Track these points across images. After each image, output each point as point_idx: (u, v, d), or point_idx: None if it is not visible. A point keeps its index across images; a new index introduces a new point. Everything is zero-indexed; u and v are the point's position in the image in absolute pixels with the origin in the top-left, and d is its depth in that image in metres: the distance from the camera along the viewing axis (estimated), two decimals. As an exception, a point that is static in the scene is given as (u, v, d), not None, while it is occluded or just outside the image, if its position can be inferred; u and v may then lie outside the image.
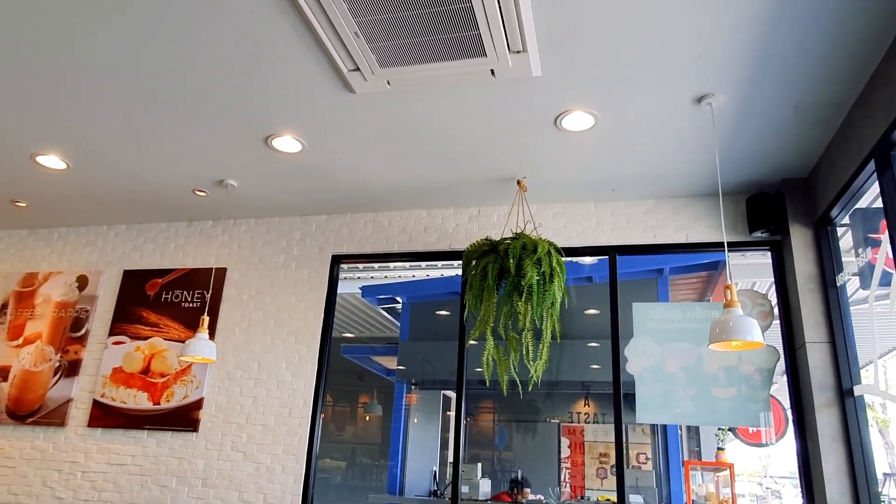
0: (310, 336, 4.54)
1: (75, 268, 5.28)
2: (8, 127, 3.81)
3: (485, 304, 3.68)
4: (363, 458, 9.36)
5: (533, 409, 7.44)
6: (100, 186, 4.59)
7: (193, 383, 4.60)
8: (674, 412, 3.88)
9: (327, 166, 4.07)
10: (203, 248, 5.04)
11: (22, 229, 5.57)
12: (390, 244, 4.66)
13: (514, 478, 6.33)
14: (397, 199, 4.53)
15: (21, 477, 4.72)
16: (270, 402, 4.44)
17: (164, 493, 4.40)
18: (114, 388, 4.74)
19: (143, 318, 4.90)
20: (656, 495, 5.22)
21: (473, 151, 3.78)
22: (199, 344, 3.97)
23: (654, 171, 3.90)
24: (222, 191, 4.53)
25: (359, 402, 9.78)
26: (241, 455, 4.37)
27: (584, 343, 6.09)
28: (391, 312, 7.47)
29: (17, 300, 5.27)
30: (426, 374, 6.54)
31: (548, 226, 4.38)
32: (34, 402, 4.88)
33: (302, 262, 4.78)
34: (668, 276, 5.21)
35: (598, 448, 7.65)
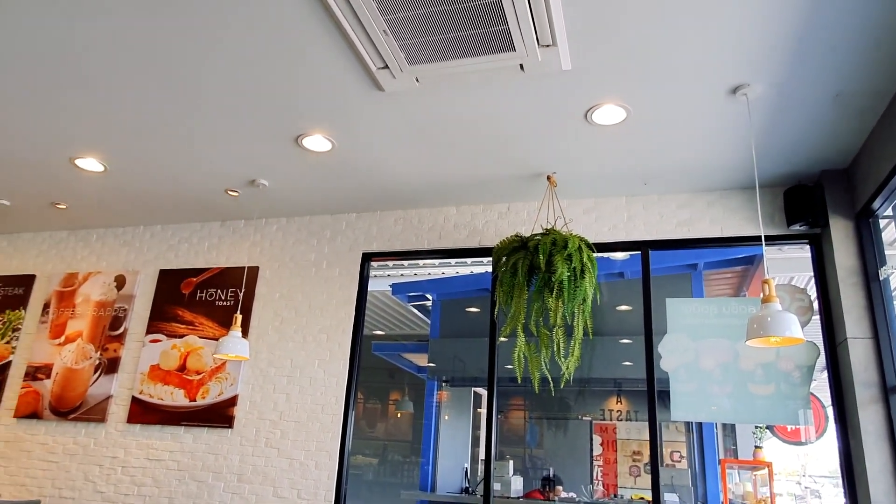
0: (341, 333, 4.57)
1: (113, 268, 5.40)
2: (48, 131, 3.91)
3: (515, 300, 3.65)
4: (395, 455, 9.41)
5: (564, 407, 7.38)
6: (136, 188, 4.69)
7: (228, 380, 4.67)
8: (709, 410, 3.81)
9: (357, 164, 4.09)
10: (236, 248, 5.12)
11: (62, 231, 5.72)
12: (420, 241, 4.67)
13: (546, 475, 6.30)
14: (427, 197, 4.54)
15: (64, 471, 4.86)
16: (303, 399, 4.49)
17: (200, 489, 4.48)
18: (151, 385, 4.85)
19: (179, 317, 4.99)
20: (692, 494, 5.14)
21: (503, 147, 3.76)
22: (233, 342, 4.02)
23: (688, 164, 3.83)
24: (254, 190, 4.58)
25: (390, 400, 9.83)
26: (275, 451, 4.42)
27: (617, 340, 6.01)
28: (421, 310, 7.48)
29: (59, 300, 5.42)
30: (457, 371, 6.54)
31: (578, 221, 4.33)
32: (76, 399, 5.02)
33: (333, 260, 4.81)
34: (703, 271, 5.11)
35: (631, 446, 7.56)
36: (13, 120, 3.80)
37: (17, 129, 3.91)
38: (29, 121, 3.80)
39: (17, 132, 3.95)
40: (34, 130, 3.91)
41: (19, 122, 3.82)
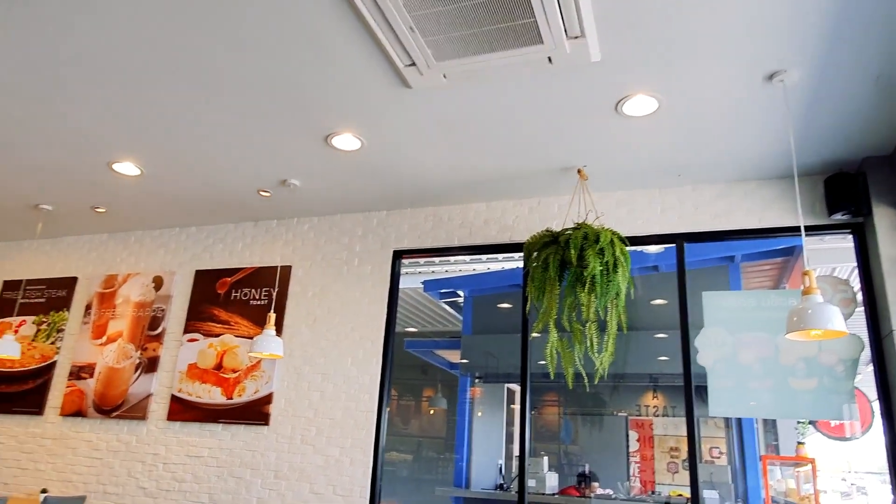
0: (374, 331, 4.60)
1: (151, 269, 5.53)
2: (87, 137, 4.01)
3: (547, 295, 3.62)
4: (429, 452, 9.44)
5: (599, 402, 7.30)
6: (171, 190, 4.79)
7: (263, 378, 4.74)
8: (748, 405, 3.73)
9: (386, 163, 4.10)
10: (269, 247, 5.18)
11: (102, 234, 5.87)
12: (450, 238, 4.66)
13: (581, 472, 6.24)
14: (457, 193, 4.53)
15: (108, 468, 4.99)
16: (337, 396, 4.53)
17: (239, 485, 4.56)
18: (189, 383, 4.95)
19: (215, 316, 5.08)
20: (732, 491, 5.04)
21: (532, 141, 3.73)
22: (267, 340, 4.08)
23: (723, 153, 3.74)
24: (285, 190, 4.63)
25: (423, 396, 9.86)
26: (310, 448, 4.47)
27: (652, 334, 5.92)
28: (453, 306, 7.48)
29: (100, 301, 5.56)
30: (489, 367, 6.52)
31: (610, 215, 4.27)
32: (118, 398, 5.15)
33: (364, 257, 4.84)
34: (740, 263, 5.00)
35: (669, 442, 7.44)
36: (53, 127, 3.91)
37: (57, 135, 4.02)
38: (68, 127, 3.90)
39: (57, 139, 4.06)
40: (73, 137, 4.02)
41: (59, 128, 3.92)
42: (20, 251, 6.17)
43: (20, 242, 6.21)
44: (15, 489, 5.24)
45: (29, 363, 5.59)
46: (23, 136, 4.06)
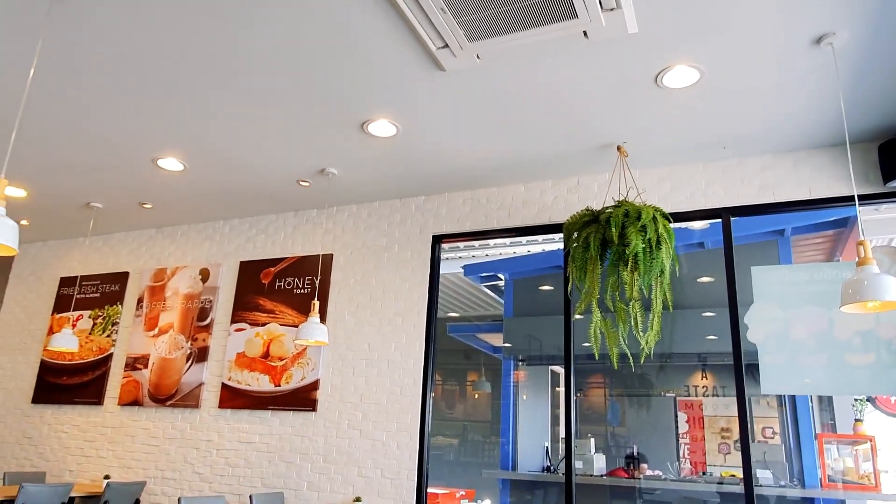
0: (416, 316, 4.62)
1: (198, 262, 5.67)
2: (132, 135, 4.12)
3: (589, 275, 3.57)
4: (474, 435, 9.48)
5: (646, 383, 7.19)
6: (213, 184, 4.88)
7: (309, 365, 4.82)
8: (802, 382, 3.61)
9: (423, 147, 4.10)
10: (310, 236, 5.25)
11: (150, 228, 6.04)
12: (489, 221, 4.64)
13: (629, 453, 6.17)
14: (494, 175, 4.49)
15: (165, 454, 5.17)
16: (382, 381, 4.57)
17: (289, 469, 4.66)
18: (238, 371, 5.07)
19: (260, 306, 5.19)
20: (786, 470, 4.91)
21: (569, 119, 3.66)
22: (312, 328, 4.14)
23: (769, 123, 3.61)
24: (324, 179, 4.68)
25: (467, 380, 9.90)
26: (357, 432, 4.54)
27: (699, 312, 5.79)
28: (494, 290, 7.46)
29: (151, 294, 5.74)
30: (533, 349, 6.49)
31: (652, 191, 4.18)
32: (171, 387, 5.32)
33: (404, 243, 4.86)
34: (790, 237, 4.83)
35: (719, 423, 7.29)
36: (100, 126, 4.02)
37: (103, 135, 4.13)
38: (114, 126, 4.01)
39: (104, 138, 4.18)
40: (119, 135, 4.13)
41: (105, 128, 4.04)
42: (74, 248, 6.40)
43: (74, 240, 6.44)
44: (80, 475, 5.48)
45: (87, 356, 5.81)
46: (71, 138, 4.20)
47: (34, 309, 6.36)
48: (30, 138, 4.25)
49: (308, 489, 4.56)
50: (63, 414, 5.76)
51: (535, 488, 5.64)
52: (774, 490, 4.65)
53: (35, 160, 4.61)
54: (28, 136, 4.21)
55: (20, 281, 6.59)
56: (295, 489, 4.59)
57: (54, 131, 4.14)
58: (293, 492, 4.58)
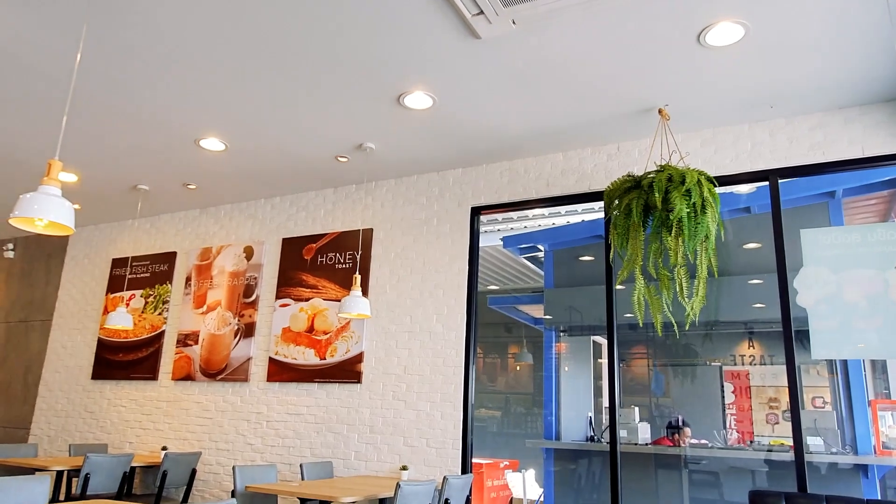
0: (456, 288, 4.64)
1: (241, 240, 5.79)
2: (175, 117, 4.21)
3: (631, 242, 3.52)
4: (517, 407, 9.54)
5: (690, 353, 7.10)
6: (254, 163, 4.96)
7: (353, 339, 4.91)
8: (855, 346, 3.51)
9: (459, 118, 4.07)
10: (349, 212, 5.30)
11: (194, 209, 6.19)
12: (528, 191, 4.60)
13: (674, 423, 6.13)
14: (532, 145, 4.44)
15: (218, 426, 5.35)
16: (424, 352, 4.63)
17: (337, 439, 4.78)
18: (285, 346, 5.19)
19: (303, 281, 5.28)
20: (838, 437, 4.80)
21: (609, 84, 3.59)
22: (355, 301, 4.20)
23: (819, 79, 3.47)
24: (362, 154, 4.70)
25: (508, 353, 9.94)
26: (401, 403, 4.61)
27: (745, 280, 5.66)
28: (534, 262, 7.43)
29: (198, 273, 5.90)
30: (574, 320, 6.47)
31: (696, 155, 4.08)
32: (221, 362, 5.48)
33: (442, 216, 4.87)
34: (842, 198, 4.65)
35: (767, 392, 7.15)
36: (144, 109, 4.12)
37: (148, 117, 4.23)
38: (158, 108, 4.10)
39: (148, 120, 4.28)
40: (163, 117, 4.22)
41: (149, 110, 4.13)
42: (124, 230, 6.61)
43: (123, 222, 6.65)
44: (139, 447, 5.73)
45: (141, 333, 6.03)
46: (116, 122, 4.31)
47: (89, 290, 6.61)
48: (78, 124, 4.38)
49: (356, 458, 4.67)
50: (121, 389, 6.01)
51: (579, 457, 5.66)
52: (826, 457, 4.56)
53: (84, 145, 4.75)
54: (77, 121, 4.34)
55: (75, 263, 6.85)
56: (343, 458, 4.71)
57: (101, 116, 4.25)
58: (341, 461, 4.71)
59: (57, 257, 7.03)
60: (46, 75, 3.75)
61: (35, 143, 4.74)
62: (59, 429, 6.28)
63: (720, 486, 5.29)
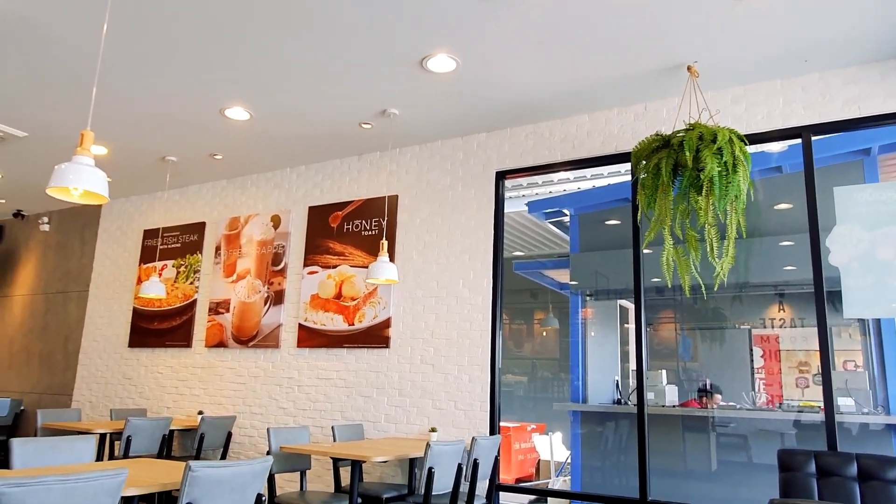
0: (482, 252, 4.65)
1: (269, 209, 5.85)
2: (200, 87, 4.23)
3: (659, 203, 3.49)
4: (543, 372, 9.60)
5: (719, 316, 7.04)
6: (279, 132, 4.98)
7: (381, 304, 4.96)
8: (889, 305, 3.45)
9: (483, 81, 4.03)
10: (374, 179, 5.32)
11: (222, 180, 6.26)
12: (553, 154, 4.56)
13: (702, 386, 6.12)
14: (557, 107, 4.39)
15: (251, 391, 5.49)
16: (451, 317, 4.67)
17: (367, 402, 4.88)
18: (313, 312, 5.28)
19: (330, 249, 5.34)
20: (870, 398, 4.76)
21: (635, 41, 3.51)
22: (382, 267, 4.25)
23: (855, 30, 3.35)
24: (386, 120, 4.69)
25: (534, 319, 9.97)
26: (430, 367, 4.68)
27: (776, 241, 5.57)
28: (559, 226, 7.39)
29: (227, 242, 6.00)
30: (600, 285, 6.45)
31: (726, 113, 3.99)
32: (252, 329, 5.60)
33: (467, 181, 4.86)
34: (877, 155, 4.53)
35: (797, 356, 7.08)
36: (170, 80, 4.15)
37: (172, 88, 4.27)
38: (183, 79, 4.13)
39: (173, 92, 4.32)
40: (188, 87, 4.25)
41: (175, 81, 4.16)
42: (154, 202, 6.72)
43: (153, 194, 6.76)
44: (177, 411, 5.91)
45: (174, 302, 6.18)
46: (144, 93, 4.36)
47: (123, 261, 6.77)
48: (107, 96, 4.44)
49: (385, 421, 4.77)
50: (157, 356, 6.19)
51: (607, 420, 5.69)
52: (857, 418, 4.53)
53: (113, 118, 4.82)
54: (105, 94, 4.40)
55: (108, 235, 7.00)
56: (373, 421, 4.81)
57: (129, 88, 4.30)
58: (371, 423, 4.81)
59: (91, 229, 7.20)
60: (75, 48, 3.79)
61: (66, 117, 4.82)
62: (100, 395, 6.51)
63: (748, 449, 5.29)
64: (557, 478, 6.46)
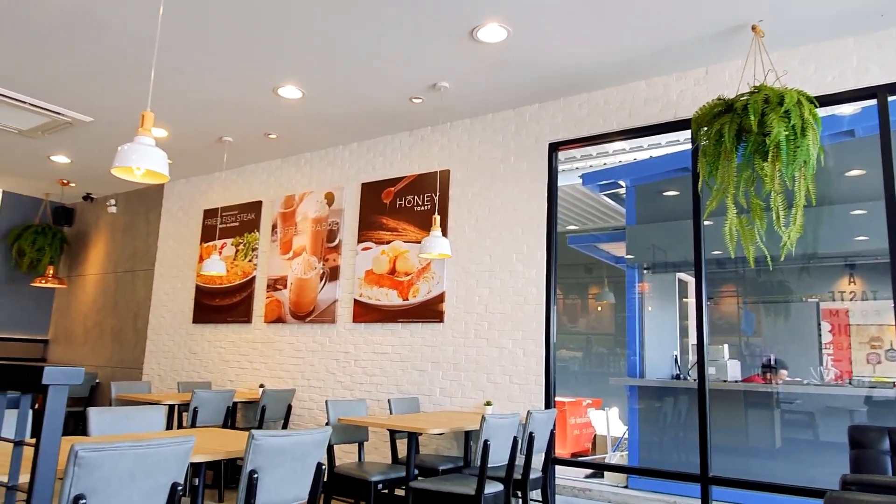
0: (535, 226, 4.59)
1: (322, 187, 5.93)
2: (253, 67, 4.29)
3: (721, 170, 3.35)
4: (599, 348, 9.49)
5: (784, 290, 6.76)
6: (331, 109, 5.01)
7: (434, 279, 4.98)
8: (976, 275, 3.23)
9: (534, 49, 3.93)
10: (426, 154, 5.30)
11: (276, 159, 6.37)
12: (608, 123, 4.43)
13: (766, 361, 5.92)
14: (612, 74, 4.25)
15: (309, 365, 5.63)
16: (505, 291, 4.64)
17: (422, 376, 4.92)
18: (368, 287, 5.34)
19: (383, 225, 5.37)
20: (951, 374, 4.49)
21: (695, 1, 3.35)
22: (435, 241, 4.25)
23: (941, -21, 3.10)
24: (436, 94, 4.65)
25: (589, 294, 9.83)
26: (484, 341, 4.67)
27: (847, 209, 5.29)
28: (615, 199, 7.22)
29: (283, 220, 6.11)
30: (658, 258, 6.29)
31: (794, 74, 3.78)
32: (309, 305, 5.72)
33: (520, 154, 4.78)
34: (962, 115, 4.20)
35: (868, 331, 6.76)
36: (223, 62, 4.22)
37: (226, 69, 4.34)
38: (237, 59, 4.19)
39: (227, 73, 4.39)
40: (242, 67, 4.31)
41: (229, 61, 4.23)
42: (213, 182, 6.91)
43: (211, 174, 6.94)
44: (239, 384, 6.12)
45: (234, 279, 6.36)
46: (199, 75, 4.44)
47: (185, 240, 7.00)
48: (165, 80, 4.55)
49: (441, 394, 4.80)
50: (219, 332, 6.40)
51: (665, 395, 5.58)
52: (936, 394, 4.29)
53: (171, 100, 4.95)
54: (163, 77, 4.51)
55: (170, 216, 7.25)
56: (428, 395, 4.86)
57: (185, 70, 4.39)
58: (427, 397, 4.86)
59: (154, 210, 7.46)
60: (132, 34, 3.89)
61: (128, 101, 4.97)
62: (168, 368, 6.80)
63: (815, 426, 5.10)
64: (614, 453, 6.40)
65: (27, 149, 6.33)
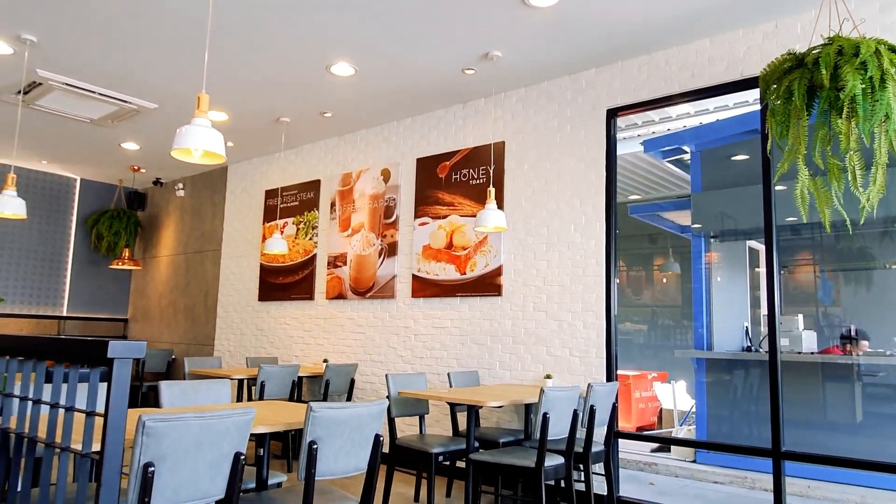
0: (594, 196, 4.47)
1: (378, 163, 5.95)
2: (305, 45, 4.31)
3: (793, 130, 3.14)
4: (664, 320, 9.24)
5: (865, 256, 6.35)
6: (384, 84, 5.00)
7: (491, 252, 4.94)
8: None
9: (589, 10, 3.78)
10: (480, 127, 5.23)
11: (332, 137, 6.43)
12: (670, 85, 4.23)
13: (845, 332, 5.61)
14: (672, 33, 4.05)
15: (370, 340, 5.72)
16: (563, 263, 4.55)
17: (482, 350, 4.92)
18: (426, 262, 5.35)
19: (440, 199, 5.35)
20: None
21: (762, -53, 3.13)
22: (490, 214, 4.20)
23: None
24: (489, 64, 4.56)
25: (653, 265, 9.56)
26: (543, 314, 4.61)
27: (935, 167, 4.89)
28: (679, 165, 6.94)
29: (341, 198, 6.19)
30: (726, 226, 6.02)
31: (873, 22, 3.50)
32: (368, 281, 5.79)
33: (576, 122, 4.65)
34: None
35: (961, 299, 6.28)
36: (275, 41, 4.26)
37: (279, 48, 4.38)
38: (289, 38, 4.22)
39: (280, 52, 4.43)
40: (295, 47, 4.35)
41: (280, 42, 4.26)
42: (273, 163, 7.05)
43: (271, 156, 7.09)
44: (304, 359, 6.29)
45: (296, 258, 6.51)
46: (252, 56, 4.51)
47: (248, 220, 7.20)
48: (220, 63, 4.64)
49: (500, 368, 4.79)
50: (283, 309, 6.59)
51: (735, 367, 5.38)
52: None
53: (228, 83, 5.05)
54: (218, 60, 4.60)
55: (234, 197, 7.46)
56: (488, 368, 4.85)
57: (238, 51, 4.46)
58: (486, 370, 4.85)
59: (219, 192, 7.70)
60: (187, 16, 3.97)
61: (190, 85, 5.11)
62: (237, 344, 7.06)
63: (900, 400, 4.82)
64: (681, 427, 6.25)
65: (99, 137, 6.62)
